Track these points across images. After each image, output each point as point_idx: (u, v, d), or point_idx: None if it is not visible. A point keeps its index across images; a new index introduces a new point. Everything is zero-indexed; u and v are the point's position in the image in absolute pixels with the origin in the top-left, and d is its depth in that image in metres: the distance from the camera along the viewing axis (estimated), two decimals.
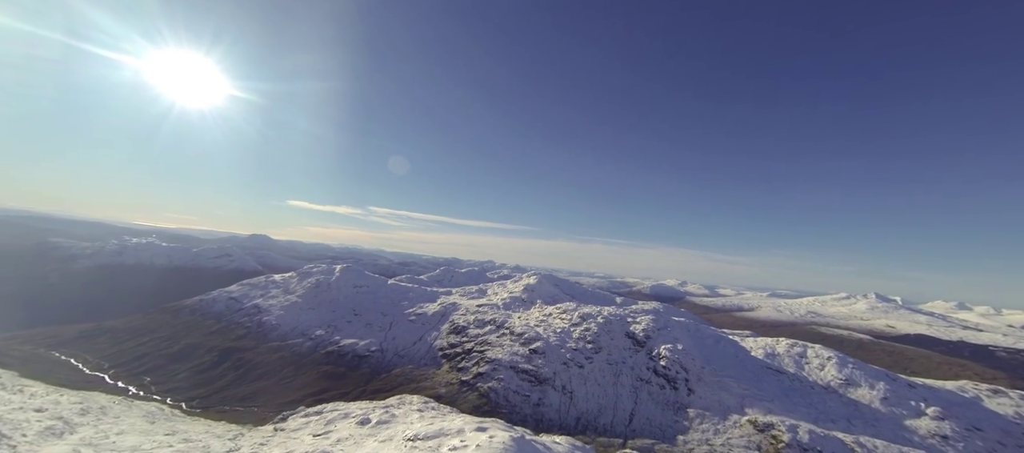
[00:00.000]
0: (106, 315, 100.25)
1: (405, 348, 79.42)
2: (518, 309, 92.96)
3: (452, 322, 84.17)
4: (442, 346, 77.61)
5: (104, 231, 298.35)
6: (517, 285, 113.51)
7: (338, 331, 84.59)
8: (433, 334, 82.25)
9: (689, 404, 61.18)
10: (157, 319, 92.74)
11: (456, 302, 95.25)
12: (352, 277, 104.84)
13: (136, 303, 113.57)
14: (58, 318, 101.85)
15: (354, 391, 67.30)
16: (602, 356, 71.78)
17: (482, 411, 58.40)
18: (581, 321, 79.41)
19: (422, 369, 72.42)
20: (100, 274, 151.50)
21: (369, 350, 78.18)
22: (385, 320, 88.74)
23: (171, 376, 71.32)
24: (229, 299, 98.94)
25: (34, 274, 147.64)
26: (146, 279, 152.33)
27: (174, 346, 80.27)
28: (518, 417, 59.61)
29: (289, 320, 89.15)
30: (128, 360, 75.96)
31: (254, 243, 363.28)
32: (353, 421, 40.44)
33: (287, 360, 76.27)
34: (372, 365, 74.97)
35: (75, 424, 31.40)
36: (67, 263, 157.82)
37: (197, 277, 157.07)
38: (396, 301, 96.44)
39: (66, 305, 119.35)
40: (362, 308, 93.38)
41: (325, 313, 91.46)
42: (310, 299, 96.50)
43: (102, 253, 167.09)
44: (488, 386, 63.60)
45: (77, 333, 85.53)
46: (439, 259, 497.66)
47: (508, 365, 67.27)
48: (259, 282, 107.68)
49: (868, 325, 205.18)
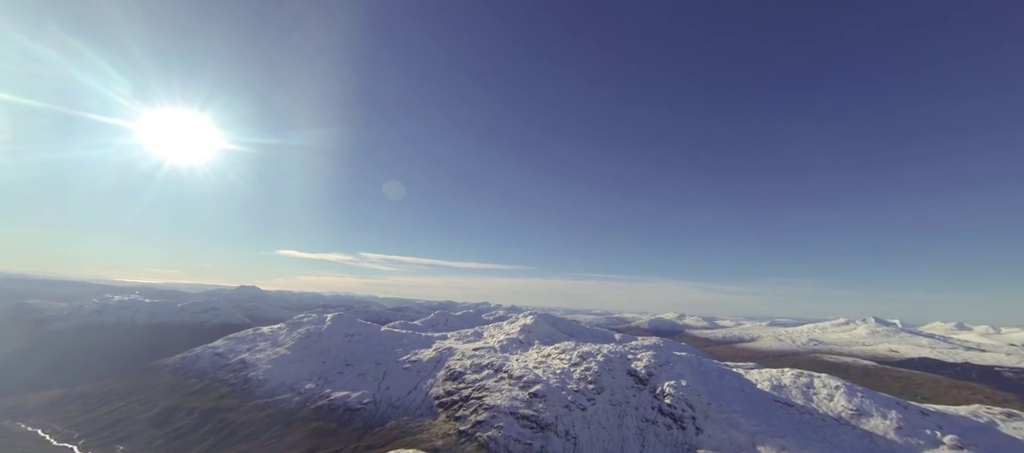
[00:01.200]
0: (82, 379, 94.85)
1: (400, 398, 75.73)
2: (516, 351, 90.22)
3: (448, 368, 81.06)
4: (438, 394, 74.20)
5: (85, 290, 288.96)
6: (514, 326, 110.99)
7: (329, 383, 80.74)
8: (429, 382, 78.86)
9: (698, 444, 58.39)
10: (135, 381, 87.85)
11: (452, 347, 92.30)
12: (344, 326, 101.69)
13: (116, 365, 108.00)
14: (27, 386, 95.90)
15: (346, 448, 63.20)
16: (605, 397, 69.10)
17: None
18: (581, 360, 77.10)
19: (418, 420, 68.71)
20: (77, 336, 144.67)
21: (362, 402, 74.33)
22: (379, 369, 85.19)
23: (147, 443, 66.48)
24: (214, 355, 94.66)
25: (4, 339, 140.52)
26: (127, 339, 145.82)
27: (151, 409, 75.50)
28: None
29: (277, 374, 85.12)
30: (100, 427, 70.98)
31: (242, 295, 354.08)
32: None
33: (274, 418, 71.96)
34: (365, 418, 70.98)
35: None
36: (41, 325, 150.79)
37: (181, 334, 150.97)
38: (390, 349, 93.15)
39: (37, 371, 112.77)
40: (354, 358, 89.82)
41: (316, 365, 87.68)
42: (300, 351, 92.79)
43: (80, 313, 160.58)
44: (487, 435, 60.25)
45: (45, 401, 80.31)
46: (433, 303, 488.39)
47: (508, 411, 64.21)
48: (246, 335, 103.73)
49: (871, 350, 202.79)
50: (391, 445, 58.37)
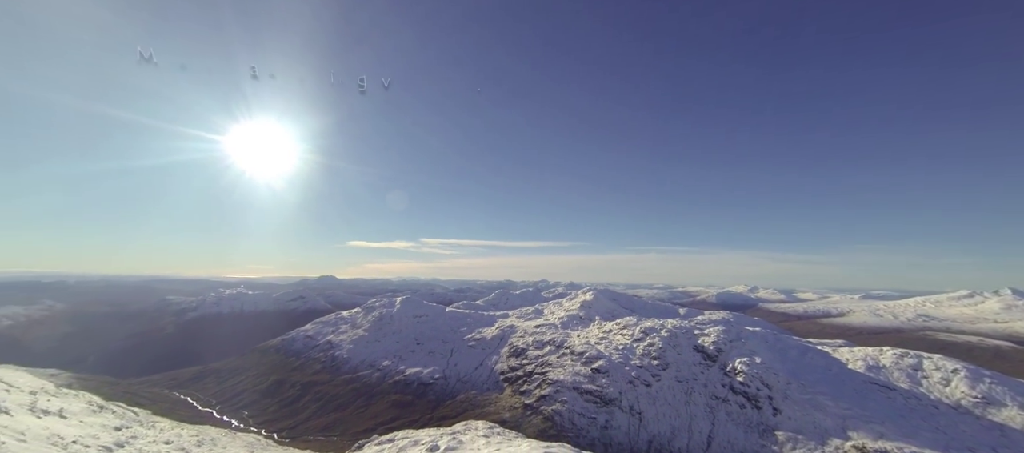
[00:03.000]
0: (211, 358, 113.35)
1: (467, 374, 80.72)
2: (576, 327, 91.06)
3: (511, 345, 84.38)
4: (503, 370, 77.86)
5: (204, 286, 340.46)
6: (573, 303, 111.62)
7: (403, 361, 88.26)
8: (493, 358, 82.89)
9: (776, 426, 55.29)
10: (249, 359, 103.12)
11: (513, 324, 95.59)
12: (412, 308, 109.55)
13: (234, 346, 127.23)
14: (175, 363, 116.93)
15: (421, 418, 69.28)
16: (670, 373, 67.72)
17: (548, 435, 57.30)
18: (643, 336, 75.88)
19: (485, 394, 72.96)
20: (204, 323, 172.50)
21: (433, 378, 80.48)
22: (446, 347, 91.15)
23: (264, 410, 78.44)
24: (306, 337, 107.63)
25: (155, 327, 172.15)
26: (239, 325, 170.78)
27: (264, 382, 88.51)
28: (585, 441, 57.64)
29: (358, 353, 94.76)
30: (229, 396, 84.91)
31: (323, 283, 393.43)
32: (423, 448, 41.68)
33: (359, 391, 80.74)
34: (437, 392, 76.93)
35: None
36: (179, 316, 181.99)
37: (278, 319, 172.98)
38: (455, 328, 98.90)
39: (180, 351, 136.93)
40: (423, 337, 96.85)
41: (390, 344, 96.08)
42: (375, 332, 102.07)
43: (204, 305, 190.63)
44: (552, 409, 62.44)
45: (190, 375, 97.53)
46: (493, 283, 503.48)
47: (571, 386, 65.74)
48: (330, 319, 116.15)
49: (1007, 329, 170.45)
50: (462, 416, 62.95)
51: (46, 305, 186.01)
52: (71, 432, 29.99)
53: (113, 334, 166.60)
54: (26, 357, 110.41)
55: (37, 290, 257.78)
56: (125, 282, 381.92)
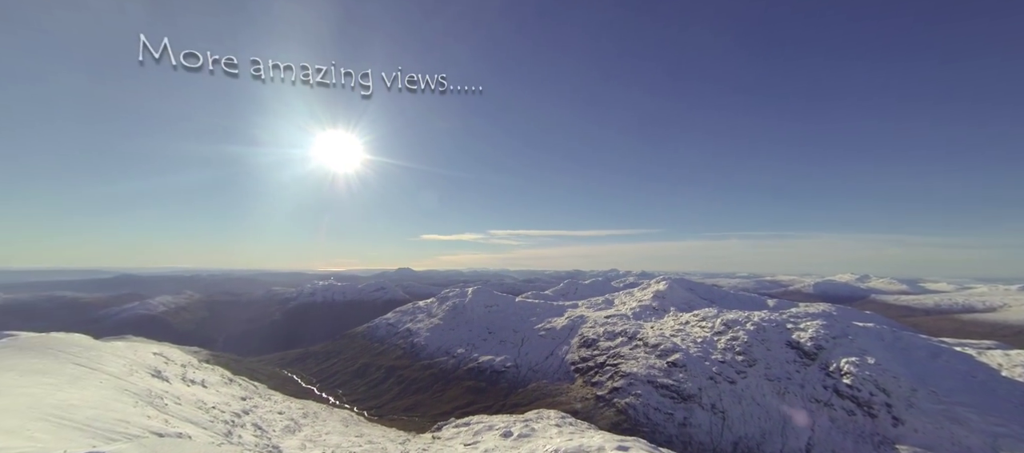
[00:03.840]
0: (310, 342, 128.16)
1: (538, 363, 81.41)
2: (649, 318, 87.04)
3: (581, 335, 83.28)
4: (574, 360, 77.20)
5: (302, 278, 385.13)
6: (646, 293, 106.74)
7: (476, 349, 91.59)
8: (563, 348, 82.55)
9: (898, 438, 47.74)
10: (340, 344, 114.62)
11: (583, 315, 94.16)
12: (483, 298, 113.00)
13: (327, 332, 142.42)
14: (282, 345, 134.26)
15: (495, 405, 71.43)
16: (758, 370, 61.77)
17: (621, 429, 55.68)
18: (725, 329, 70.10)
19: (556, 384, 73.02)
20: (304, 311, 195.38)
21: (505, 366, 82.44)
22: (516, 336, 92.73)
23: (354, 389, 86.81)
24: (387, 325, 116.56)
25: (265, 314, 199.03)
26: (331, 313, 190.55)
27: (354, 365, 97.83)
28: (662, 437, 55.02)
29: (435, 340, 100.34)
30: (326, 376, 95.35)
31: (401, 275, 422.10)
32: (497, 433, 42.89)
33: (436, 376, 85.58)
34: (509, 380, 78.73)
35: (301, 424, 40.60)
36: (284, 304, 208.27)
37: (363, 308, 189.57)
38: (525, 318, 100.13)
39: (286, 335, 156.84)
40: (495, 326, 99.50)
41: (463, 333, 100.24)
42: (449, 321, 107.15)
43: (302, 295, 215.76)
44: (625, 401, 60.53)
45: (294, 356, 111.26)
46: (561, 273, 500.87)
47: (645, 379, 63.09)
48: (408, 309, 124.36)
49: None
50: (534, 405, 63.71)
51: (187, 295, 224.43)
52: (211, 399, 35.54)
53: (235, 319, 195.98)
54: (175, 336, 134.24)
55: (180, 283, 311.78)
56: (241, 275, 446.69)
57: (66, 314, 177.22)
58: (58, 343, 30.40)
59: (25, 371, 23.25)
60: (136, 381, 29.79)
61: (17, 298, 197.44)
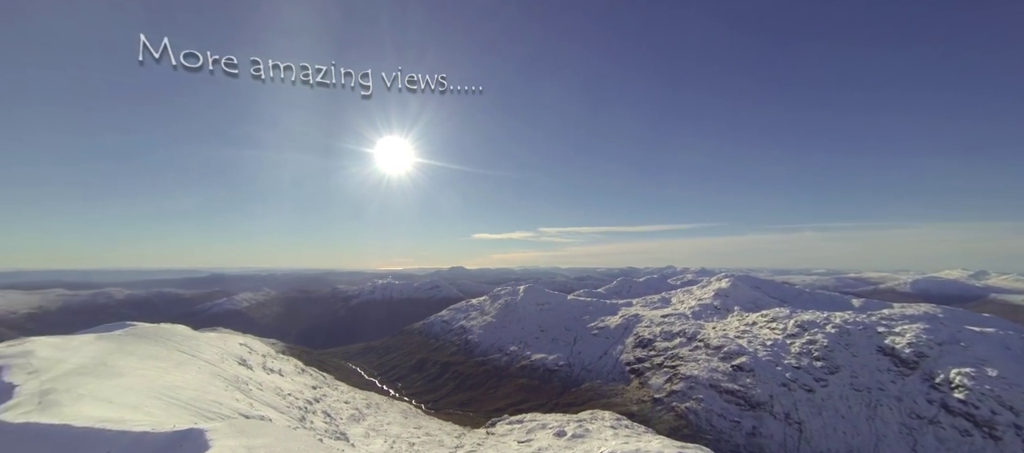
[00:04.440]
0: (371, 336, 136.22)
1: (591, 363, 79.84)
2: (710, 318, 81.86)
3: (636, 335, 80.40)
4: (629, 360, 74.72)
5: (362, 277, 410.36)
6: (706, 291, 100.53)
7: (528, 347, 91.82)
8: (618, 348, 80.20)
9: None
10: (399, 339, 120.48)
11: (638, 313, 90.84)
12: (534, 296, 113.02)
13: (386, 328, 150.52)
14: (346, 339, 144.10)
15: (548, 403, 71.11)
16: (842, 379, 55.64)
17: (681, 435, 52.89)
18: (800, 331, 63.98)
19: (611, 384, 71.12)
20: (365, 308, 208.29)
21: (557, 365, 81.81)
22: (569, 335, 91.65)
23: (412, 383, 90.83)
24: (442, 322, 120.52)
25: (331, 310, 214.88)
26: (389, 309, 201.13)
27: (412, 360, 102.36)
28: (728, 446, 51.45)
29: (487, 338, 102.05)
30: (386, 369, 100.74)
31: (454, 274, 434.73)
32: (550, 432, 42.57)
33: (490, 372, 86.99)
34: (562, 379, 78.00)
35: (365, 414, 43.16)
36: (347, 301, 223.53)
37: (419, 306, 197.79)
38: (577, 316, 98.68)
39: (349, 330, 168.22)
40: (546, 324, 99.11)
41: (515, 330, 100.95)
42: (502, 318, 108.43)
43: (363, 293, 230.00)
44: (685, 406, 57.41)
45: (357, 350, 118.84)
46: (614, 270, 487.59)
47: (707, 383, 59.39)
48: (461, 306, 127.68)
49: None
50: (587, 405, 62.52)
51: (264, 292, 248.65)
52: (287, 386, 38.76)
53: (305, 315, 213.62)
54: (256, 329, 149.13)
55: (259, 281, 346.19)
56: (310, 274, 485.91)
57: (171, 307, 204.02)
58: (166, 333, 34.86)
59: (142, 356, 26.84)
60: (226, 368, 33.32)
61: (135, 294, 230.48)
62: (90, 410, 16.49)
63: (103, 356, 24.15)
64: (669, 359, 68.76)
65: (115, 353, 25.30)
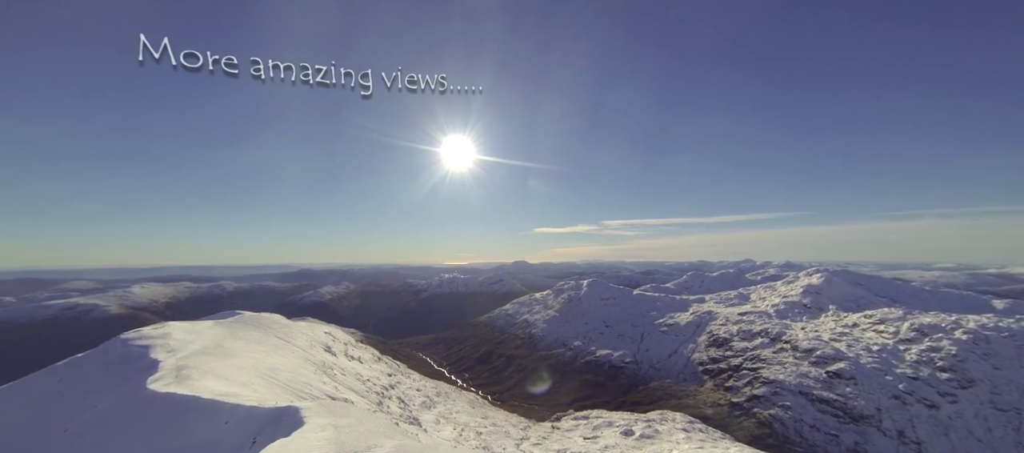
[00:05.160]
0: (439, 328, 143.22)
1: (660, 361, 76.15)
2: (799, 317, 73.60)
3: (710, 333, 75.02)
4: (702, 360, 70.00)
5: (430, 271, 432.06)
6: (792, 287, 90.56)
7: (593, 342, 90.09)
8: (689, 346, 75.52)
9: None
10: (464, 331, 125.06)
11: (711, 310, 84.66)
12: (599, 290, 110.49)
13: (453, 320, 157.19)
14: (416, 330, 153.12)
15: (613, 400, 69.21)
16: (978, 395, 46.87)
17: (765, 444, 48.34)
18: (918, 336, 54.97)
19: (681, 384, 67.24)
20: (433, 301, 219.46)
21: (624, 361, 79.26)
22: (635, 331, 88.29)
23: (478, 374, 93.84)
24: (506, 315, 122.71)
25: (402, 303, 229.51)
26: (455, 302, 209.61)
27: (477, 352, 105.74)
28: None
29: (551, 332, 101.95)
30: (454, 360, 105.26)
31: (516, 268, 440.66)
32: (617, 431, 41.34)
33: (554, 367, 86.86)
34: (628, 376, 75.43)
35: (435, 401, 45.42)
36: (417, 295, 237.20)
37: (483, 299, 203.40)
38: (644, 312, 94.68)
39: (419, 321, 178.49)
40: (611, 320, 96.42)
41: (579, 325, 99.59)
42: (565, 313, 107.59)
43: (431, 286, 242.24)
44: (770, 413, 52.33)
45: (427, 341, 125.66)
46: (684, 264, 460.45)
47: (796, 389, 53.54)
48: (525, 300, 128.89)
49: None
50: (656, 405, 59.73)
51: (344, 285, 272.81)
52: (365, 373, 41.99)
53: (379, 307, 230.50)
54: (337, 319, 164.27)
55: (340, 275, 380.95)
56: (383, 269, 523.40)
57: (268, 299, 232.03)
58: (266, 321, 39.59)
59: (248, 341, 30.73)
60: (314, 354, 36.98)
61: (241, 287, 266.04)
62: (212, 385, 19.27)
63: (219, 340, 28.07)
64: (749, 361, 63.12)
65: (228, 337, 29.27)
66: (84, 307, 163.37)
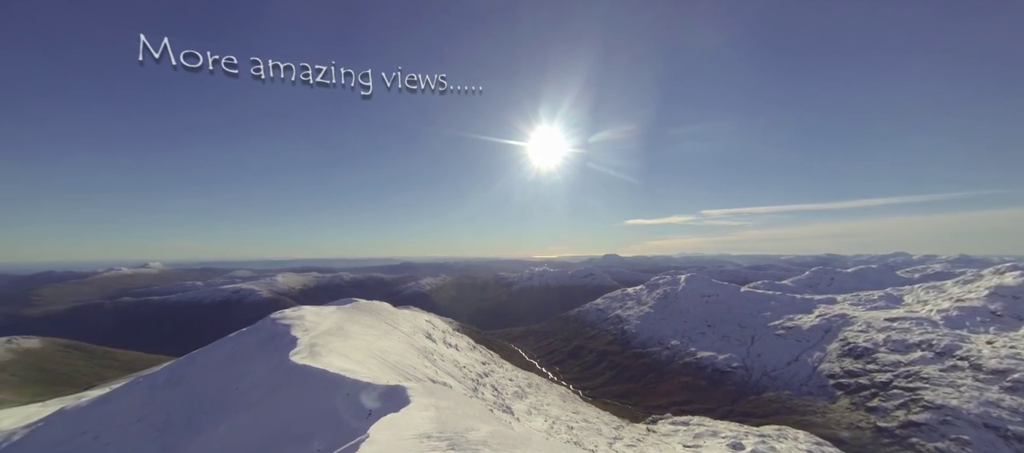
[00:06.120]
0: (530, 321, 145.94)
1: (775, 368, 66.89)
2: (980, 328, 57.92)
3: (844, 340, 63.47)
4: (833, 372, 59.57)
5: (520, 265, 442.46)
6: (972, 288, 71.42)
7: (692, 343, 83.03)
8: (815, 354, 64.89)
9: None
10: (555, 325, 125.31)
11: (846, 313, 71.50)
12: (698, 286, 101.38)
13: (543, 313, 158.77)
14: (508, 322, 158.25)
15: (718, 409, 62.84)
16: None
17: None
18: None
19: (805, 398, 58.12)
20: (523, 293, 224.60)
21: (730, 366, 71.49)
22: (744, 333, 78.95)
23: (569, 368, 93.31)
24: (597, 310, 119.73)
25: (494, 295, 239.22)
26: (545, 296, 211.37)
27: (568, 346, 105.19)
28: None
29: (645, 329, 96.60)
30: (544, 353, 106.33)
31: (607, 262, 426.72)
32: (723, 442, 37.42)
33: (648, 366, 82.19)
34: (736, 383, 67.82)
35: (527, 392, 46.35)
36: (508, 287, 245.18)
37: (573, 293, 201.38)
38: (754, 312, 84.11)
39: (511, 313, 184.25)
40: (714, 319, 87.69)
41: (676, 324, 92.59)
42: (660, 309, 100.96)
43: (522, 280, 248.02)
44: (936, 446, 42.24)
45: (518, 332, 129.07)
46: (807, 257, 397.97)
47: (978, 420, 42.32)
48: (616, 295, 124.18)
49: None
50: (773, 418, 52.55)
51: (442, 277, 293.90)
52: (462, 360, 44.52)
53: (474, 298, 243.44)
54: (436, 309, 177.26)
55: (438, 268, 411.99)
56: (477, 262, 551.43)
57: (377, 288, 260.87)
58: (378, 308, 44.43)
59: (363, 325, 34.74)
60: (417, 340, 40.33)
61: (356, 277, 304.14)
62: (336, 361, 22.15)
63: (340, 323, 32.24)
64: (903, 378, 51.71)
65: (347, 321, 33.46)
66: (245, 291, 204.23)
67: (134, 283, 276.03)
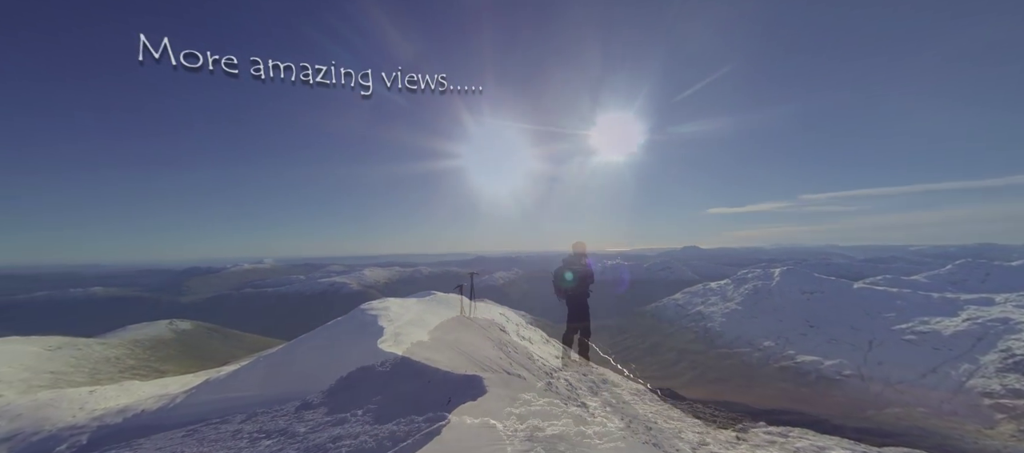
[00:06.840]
0: (603, 316, 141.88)
1: (904, 380, 56.81)
2: None
3: (1007, 351, 51.71)
4: (991, 390, 48.88)
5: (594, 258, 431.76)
6: None
7: (790, 344, 74.06)
8: (963, 367, 53.81)
9: None
10: (630, 321, 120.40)
11: (1009, 317, 58.17)
12: (797, 281, 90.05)
13: (618, 308, 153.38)
14: None
15: (824, 422, 54.96)
16: None
17: None
18: None
19: (946, 418, 48.51)
20: (598, 287, 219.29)
21: (840, 373, 62.40)
22: (858, 336, 68.34)
23: (645, 366, 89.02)
24: (676, 306, 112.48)
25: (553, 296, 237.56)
26: (619, 289, 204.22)
27: (644, 343, 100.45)
28: None
29: (732, 328, 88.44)
30: (619, 349, 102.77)
31: (686, 254, 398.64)
32: None
33: (737, 368, 75.17)
34: (847, 394, 58.99)
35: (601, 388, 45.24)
36: None
37: (649, 287, 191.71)
38: (873, 312, 72.34)
39: None
40: (817, 319, 77.21)
41: (770, 323, 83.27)
42: (750, 306, 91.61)
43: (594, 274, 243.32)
44: None
45: (593, 327, 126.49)
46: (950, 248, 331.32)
47: None
48: (697, 290, 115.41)
49: None
50: (900, 440, 44.55)
51: (514, 271, 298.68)
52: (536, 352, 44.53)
53: (546, 293, 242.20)
54: (508, 302, 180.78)
55: (510, 262, 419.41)
56: (548, 255, 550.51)
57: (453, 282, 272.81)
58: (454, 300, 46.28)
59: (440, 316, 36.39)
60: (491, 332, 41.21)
61: (433, 271, 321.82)
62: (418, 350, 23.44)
63: (420, 313, 34.12)
64: None
65: (426, 312, 35.30)
66: (338, 284, 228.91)
67: (253, 276, 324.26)
